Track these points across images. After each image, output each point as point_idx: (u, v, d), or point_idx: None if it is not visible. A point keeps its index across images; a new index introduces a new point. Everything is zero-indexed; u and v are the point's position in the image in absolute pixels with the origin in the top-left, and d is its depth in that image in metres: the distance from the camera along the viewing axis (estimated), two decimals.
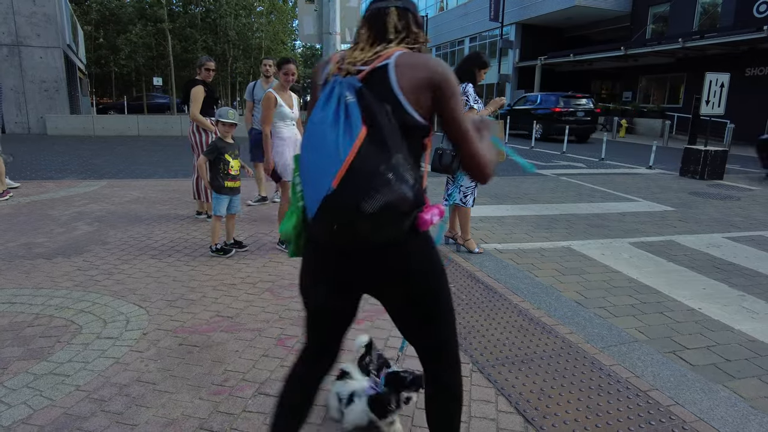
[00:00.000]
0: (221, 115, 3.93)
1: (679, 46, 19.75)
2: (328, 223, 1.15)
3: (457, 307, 3.18)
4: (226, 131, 3.96)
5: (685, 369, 2.59)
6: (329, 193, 1.10)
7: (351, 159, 1.09)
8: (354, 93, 1.14)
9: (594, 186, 8.36)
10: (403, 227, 1.17)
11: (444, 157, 4.13)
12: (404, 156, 1.14)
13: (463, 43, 38.11)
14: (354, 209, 1.09)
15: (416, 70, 1.22)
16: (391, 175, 1.09)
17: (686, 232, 5.40)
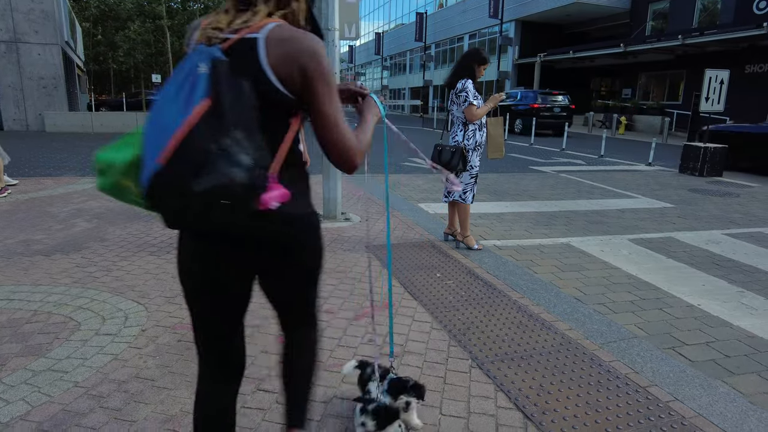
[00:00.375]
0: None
1: (678, 42, 19.72)
2: (163, 204, 1.05)
3: (456, 303, 3.18)
4: None
5: (684, 365, 2.59)
6: (156, 170, 0.98)
7: (182, 135, 0.97)
8: (210, 64, 1.03)
9: (593, 183, 8.36)
10: (243, 210, 1.04)
11: (443, 153, 4.15)
12: (246, 134, 1.02)
13: (462, 40, 38.05)
14: (179, 189, 0.98)
15: (287, 45, 1.14)
16: (220, 154, 0.98)
17: (685, 229, 5.40)
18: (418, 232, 4.87)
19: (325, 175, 5.14)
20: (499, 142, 4.40)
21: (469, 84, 4.08)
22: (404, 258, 4.04)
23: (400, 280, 3.56)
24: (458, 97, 4.10)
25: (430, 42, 42.43)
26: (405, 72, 50.23)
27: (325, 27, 4.94)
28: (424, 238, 4.66)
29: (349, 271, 3.70)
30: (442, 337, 2.74)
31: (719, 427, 2.07)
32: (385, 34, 54.55)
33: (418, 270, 3.77)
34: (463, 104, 4.07)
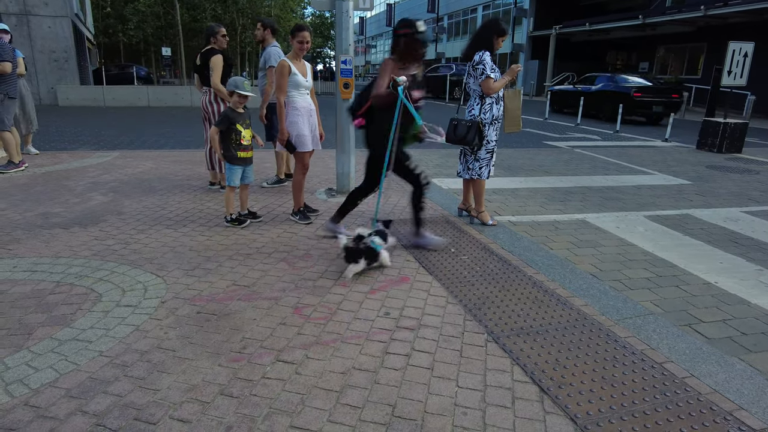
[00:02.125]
0: (237, 86, 3.89)
1: (701, 14, 19.10)
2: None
3: (471, 278, 3.19)
4: (240, 102, 3.93)
5: (700, 342, 2.59)
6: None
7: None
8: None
9: (608, 159, 8.24)
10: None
11: (459, 127, 4.09)
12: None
13: (476, 11, 37.22)
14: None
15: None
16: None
17: (703, 206, 5.33)
18: (431, 207, 4.85)
19: (339, 149, 5.11)
20: (516, 116, 4.31)
21: (486, 56, 3.98)
22: None
23: (414, 255, 3.57)
24: (475, 69, 4.01)
25: (443, 13, 41.59)
26: None
27: None
28: (438, 213, 4.65)
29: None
30: (458, 311, 2.75)
31: (735, 403, 2.08)
32: (397, 5, 53.47)
33: (433, 246, 3.77)
34: (480, 77, 3.98)
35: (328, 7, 5.12)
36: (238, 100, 3.92)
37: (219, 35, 5.17)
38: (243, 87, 3.88)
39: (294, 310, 2.70)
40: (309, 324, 2.56)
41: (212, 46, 5.16)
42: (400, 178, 3.73)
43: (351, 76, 4.93)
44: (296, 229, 4.08)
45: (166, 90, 17.13)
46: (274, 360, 2.24)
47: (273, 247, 3.65)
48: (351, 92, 4.98)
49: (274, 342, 2.39)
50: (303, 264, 3.34)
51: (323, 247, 3.66)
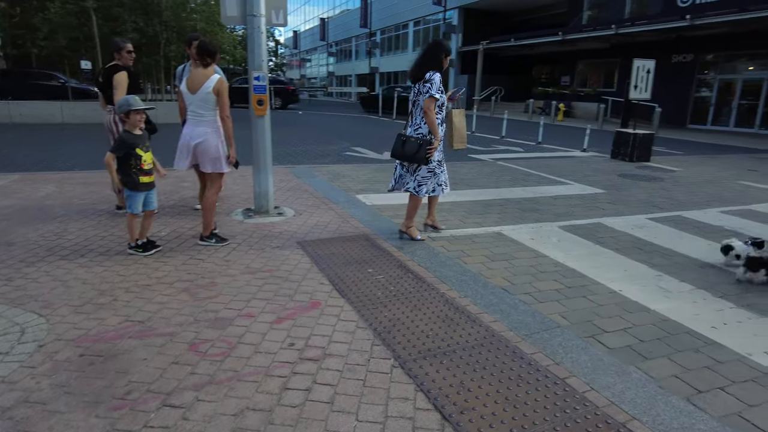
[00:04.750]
0: (131, 104, 3.64)
1: (612, 32, 20.49)
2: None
3: (384, 299, 3.12)
4: (138, 121, 3.68)
5: (602, 353, 2.65)
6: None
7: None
8: None
9: (529, 170, 8.54)
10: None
11: (408, 144, 4.12)
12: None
13: (407, 26, 38.01)
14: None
15: None
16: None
17: (614, 215, 5.60)
18: (353, 225, 4.78)
19: (255, 166, 4.94)
20: (463, 134, 4.53)
21: (436, 77, 4.02)
22: (336, 253, 3.94)
23: (329, 277, 3.46)
24: (423, 86, 4.04)
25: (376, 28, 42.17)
26: (351, 59, 49.71)
27: (250, 13, 4.71)
28: (359, 231, 4.58)
29: (276, 270, 3.57)
30: (366, 336, 2.67)
31: (629, 414, 2.12)
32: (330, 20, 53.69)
33: (350, 265, 3.69)
34: (425, 95, 4.02)
35: (239, 22, 4.96)
36: (137, 119, 3.67)
37: (124, 51, 4.87)
38: (137, 102, 3.65)
39: (189, 347, 2.51)
40: (204, 361, 2.38)
41: (116, 62, 4.85)
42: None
43: (265, 92, 4.79)
44: (204, 254, 3.86)
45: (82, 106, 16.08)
46: (161, 405, 2.06)
47: (176, 275, 3.42)
48: (265, 109, 4.83)
49: (164, 384, 2.20)
50: (206, 294, 3.14)
51: (231, 274, 3.47)
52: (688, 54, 20.35)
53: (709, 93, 20.45)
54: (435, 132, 4.06)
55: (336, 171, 7.87)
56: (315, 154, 9.93)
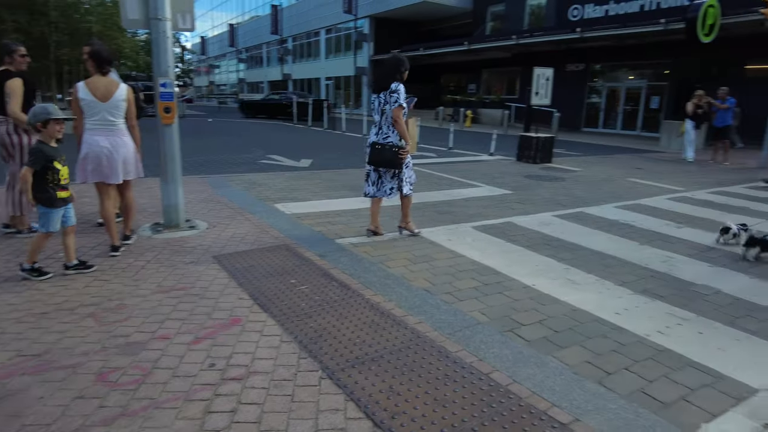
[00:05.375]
0: (50, 112, 3.30)
1: (513, 42, 21.83)
2: None
3: (309, 310, 3.06)
4: (57, 132, 3.36)
5: (521, 345, 2.78)
6: None
7: None
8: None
9: (443, 174, 8.83)
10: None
11: (385, 152, 4.42)
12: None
13: (319, 34, 37.94)
14: None
15: None
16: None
17: (522, 213, 5.93)
18: (273, 235, 4.65)
19: (163, 178, 4.65)
20: (416, 140, 5.17)
21: (401, 87, 4.38)
22: (256, 266, 3.81)
23: (249, 291, 3.33)
24: (391, 96, 4.35)
25: (287, 35, 41.64)
26: (262, 65, 48.66)
27: (154, 16, 4.45)
28: (279, 241, 4.46)
29: (191, 287, 3.37)
30: (292, 350, 2.59)
31: (549, 401, 2.24)
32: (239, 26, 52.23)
33: (271, 277, 3.57)
34: (394, 104, 4.32)
35: (142, 26, 4.67)
36: (56, 129, 3.34)
37: (16, 54, 4.40)
38: (56, 111, 3.34)
39: (97, 378, 2.29)
40: (115, 392, 2.19)
41: (7, 67, 4.36)
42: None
43: (171, 99, 4.53)
44: (110, 274, 3.56)
45: None
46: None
47: (78, 300, 3.12)
48: (173, 117, 4.57)
49: (66, 424, 1.98)
50: (114, 318, 2.89)
51: (141, 294, 3.23)
52: (581, 63, 22.19)
53: (599, 99, 22.43)
54: (406, 138, 4.42)
55: (252, 180, 7.63)
56: (228, 163, 9.57)
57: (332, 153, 11.71)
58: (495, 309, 3.27)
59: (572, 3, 20.39)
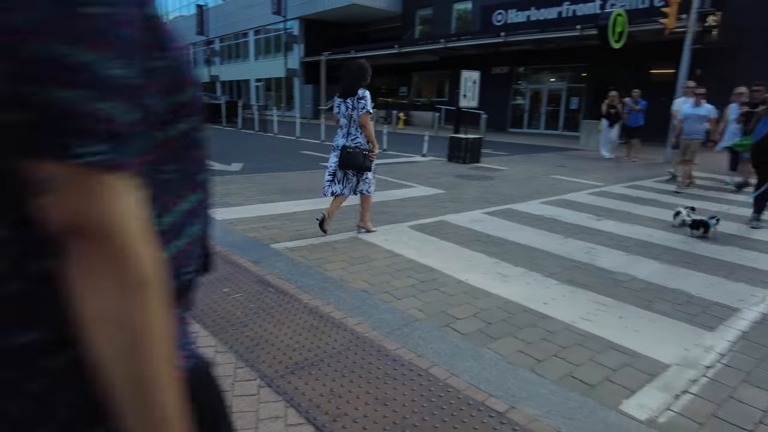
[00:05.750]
0: None
1: (441, 46, 22.39)
2: None
3: (245, 318, 2.98)
4: None
5: (457, 339, 2.86)
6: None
7: None
8: None
9: (378, 176, 8.87)
10: None
11: (355, 155, 4.67)
12: None
13: (247, 35, 37.03)
14: None
15: None
16: None
17: (454, 212, 6.11)
18: None
19: None
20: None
21: (368, 93, 4.69)
22: None
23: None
24: (359, 102, 4.62)
25: (214, 36, 40.29)
26: None
27: None
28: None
29: None
30: (227, 360, 2.51)
31: (486, 392, 2.32)
32: None
33: (204, 287, 3.44)
34: (362, 110, 4.61)
35: None
36: None
37: None
38: None
39: None
40: None
41: None
42: None
43: None
44: None
45: None
46: None
47: None
48: None
49: None
50: None
51: None
52: (505, 66, 23.17)
53: (523, 101, 23.54)
54: (373, 142, 4.76)
55: None
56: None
57: (265, 156, 11.47)
58: (431, 305, 3.34)
59: (496, 8, 21.26)
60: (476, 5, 24.01)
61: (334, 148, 4.81)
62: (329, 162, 4.85)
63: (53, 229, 0.49)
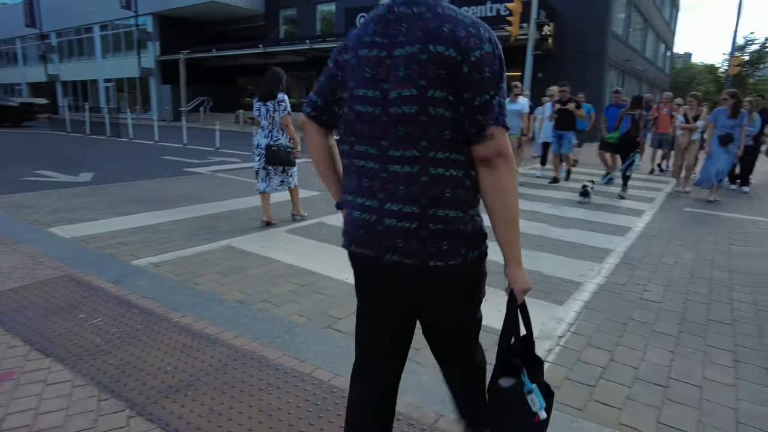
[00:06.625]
0: None
1: (307, 46, 22.32)
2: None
3: (106, 345, 2.70)
4: None
5: (340, 339, 2.90)
6: None
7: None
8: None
9: (250, 180, 8.61)
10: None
11: (281, 153, 5.16)
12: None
13: (91, 30, 33.33)
14: None
15: None
16: None
17: (330, 213, 6.15)
18: (50, 265, 3.95)
19: None
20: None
21: (286, 96, 5.18)
22: (30, 304, 3.20)
23: (23, 335, 2.78)
24: (280, 105, 5.12)
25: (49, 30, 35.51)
26: (18, 63, 40.65)
27: None
28: (59, 272, 3.81)
29: None
30: (88, 393, 2.26)
31: None
32: None
33: (52, 315, 3.04)
34: (283, 112, 5.13)
35: None
36: None
37: None
38: None
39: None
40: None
41: None
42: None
43: None
44: None
45: None
46: None
47: None
48: None
49: None
50: None
51: None
52: None
53: None
54: (296, 140, 5.28)
55: (16, 202, 6.34)
56: None
57: (119, 163, 10.43)
58: (312, 309, 3.33)
59: (359, 11, 21.72)
60: (339, 7, 24.34)
61: (256, 147, 5.29)
62: (255, 162, 5.36)
63: (485, 155, 1.28)
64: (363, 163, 1.36)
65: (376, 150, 1.33)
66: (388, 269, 1.38)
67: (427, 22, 1.24)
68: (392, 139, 1.29)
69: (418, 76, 1.22)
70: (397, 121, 1.27)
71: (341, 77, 1.39)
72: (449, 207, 1.30)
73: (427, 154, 1.27)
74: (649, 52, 31.36)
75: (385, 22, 1.29)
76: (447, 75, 1.21)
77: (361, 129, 1.34)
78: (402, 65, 1.25)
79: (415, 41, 1.24)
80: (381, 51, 1.29)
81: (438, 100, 1.23)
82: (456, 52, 1.21)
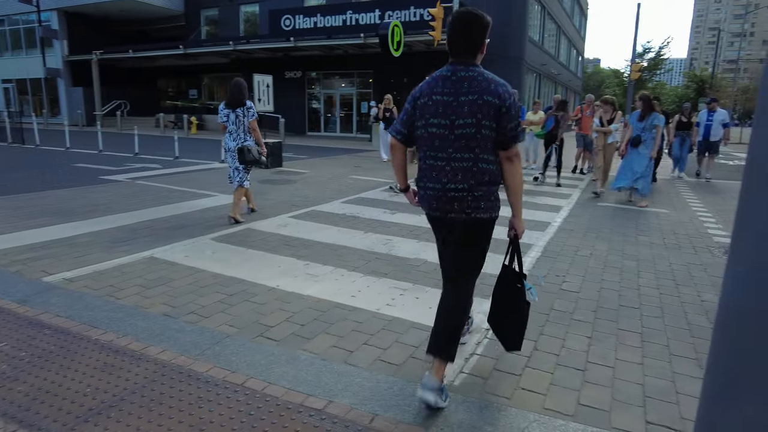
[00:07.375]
0: None
1: (230, 48, 21.67)
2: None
3: (13, 372, 2.48)
4: None
5: (272, 347, 2.85)
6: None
7: None
8: None
9: (172, 186, 8.25)
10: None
11: (251, 152, 5.69)
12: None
13: None
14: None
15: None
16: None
17: (261, 218, 6.03)
18: None
19: None
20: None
21: (252, 104, 5.79)
22: None
23: None
24: (248, 111, 5.72)
25: None
26: None
27: None
28: None
29: None
30: None
31: (304, 393, 2.37)
32: None
33: None
34: (251, 117, 5.75)
35: None
36: None
37: None
38: None
39: None
40: None
41: None
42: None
43: None
44: None
45: None
46: None
47: None
48: None
49: None
50: None
51: None
52: (298, 71, 23.53)
53: (319, 105, 24.26)
54: (261, 142, 5.94)
55: None
56: None
57: (23, 172, 9.60)
58: (243, 318, 3.25)
59: (284, 13, 21.39)
60: (263, 9, 23.85)
61: (226, 150, 5.85)
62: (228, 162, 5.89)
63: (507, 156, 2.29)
64: (434, 162, 2.32)
65: (444, 154, 2.28)
66: (449, 220, 2.35)
67: (481, 82, 2.19)
68: (456, 147, 2.25)
69: (476, 112, 2.17)
70: (461, 138, 2.23)
71: (418, 114, 2.32)
72: (486, 185, 2.26)
73: (477, 156, 2.23)
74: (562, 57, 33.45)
75: (451, 81, 2.23)
76: (493, 113, 2.17)
77: (432, 142, 2.31)
78: (466, 106, 2.19)
79: (474, 93, 2.18)
80: (449, 97, 2.23)
81: (486, 126, 2.18)
82: (498, 101, 2.16)
